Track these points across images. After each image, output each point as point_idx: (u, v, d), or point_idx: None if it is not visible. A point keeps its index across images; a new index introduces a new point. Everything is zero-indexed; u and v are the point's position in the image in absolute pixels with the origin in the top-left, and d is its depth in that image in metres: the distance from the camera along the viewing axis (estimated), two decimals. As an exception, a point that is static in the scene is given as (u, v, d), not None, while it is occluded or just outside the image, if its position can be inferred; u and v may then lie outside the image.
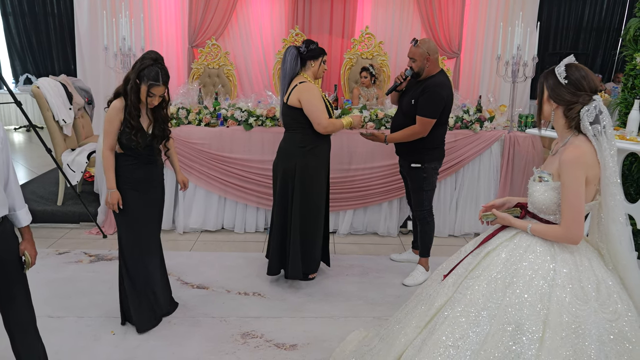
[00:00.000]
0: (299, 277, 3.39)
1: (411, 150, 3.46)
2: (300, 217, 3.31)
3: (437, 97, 3.30)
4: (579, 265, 1.81)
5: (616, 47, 8.57)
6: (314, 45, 3.34)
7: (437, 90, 3.30)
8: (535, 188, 1.93)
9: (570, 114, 1.85)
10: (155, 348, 2.76)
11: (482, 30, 6.79)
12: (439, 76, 3.37)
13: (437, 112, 3.31)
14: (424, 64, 3.33)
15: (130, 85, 2.66)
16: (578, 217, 1.80)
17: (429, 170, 3.47)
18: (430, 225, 3.61)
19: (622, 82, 4.11)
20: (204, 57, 6.08)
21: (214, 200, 4.37)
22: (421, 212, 3.57)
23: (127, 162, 2.77)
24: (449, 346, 1.76)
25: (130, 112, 2.68)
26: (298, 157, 3.26)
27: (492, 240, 1.99)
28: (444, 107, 3.35)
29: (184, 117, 4.27)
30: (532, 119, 4.40)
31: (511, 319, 1.74)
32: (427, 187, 3.51)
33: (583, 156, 1.80)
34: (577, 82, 1.83)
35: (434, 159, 3.49)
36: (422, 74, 3.37)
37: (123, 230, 2.86)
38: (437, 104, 3.31)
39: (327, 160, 3.44)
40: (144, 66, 2.65)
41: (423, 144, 3.41)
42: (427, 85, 3.32)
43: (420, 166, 3.46)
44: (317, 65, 3.32)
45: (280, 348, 2.79)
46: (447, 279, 2.00)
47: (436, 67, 3.38)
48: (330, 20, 6.75)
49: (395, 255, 3.99)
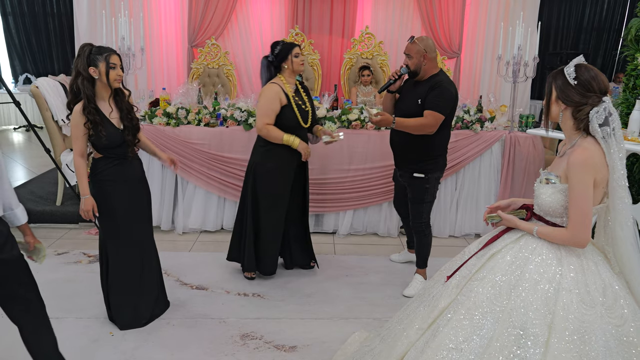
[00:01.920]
0: (252, 270, 3.51)
1: (415, 159, 3.30)
2: (252, 214, 3.43)
3: (448, 94, 3.16)
4: (586, 269, 1.78)
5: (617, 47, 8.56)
6: (278, 47, 3.30)
7: (448, 87, 3.17)
8: (542, 190, 1.90)
9: (579, 115, 1.82)
10: (154, 349, 2.74)
11: (482, 30, 6.76)
12: (444, 75, 3.23)
13: (447, 109, 3.16)
14: (420, 61, 3.16)
15: (82, 77, 2.61)
16: (585, 221, 1.77)
17: (432, 181, 3.32)
18: (428, 238, 3.47)
19: (623, 82, 4.09)
20: (203, 56, 6.07)
21: (213, 200, 4.36)
22: (419, 225, 3.41)
23: (108, 165, 2.76)
24: (452, 349, 1.74)
25: (89, 109, 2.62)
26: (256, 156, 3.41)
27: (496, 242, 1.97)
28: (453, 107, 3.23)
29: (184, 117, 4.26)
30: (533, 119, 4.38)
31: (516, 323, 1.71)
32: (428, 199, 3.36)
33: (591, 158, 1.77)
34: (587, 83, 1.80)
35: (437, 168, 3.34)
36: (419, 73, 3.20)
37: (110, 232, 2.85)
38: (448, 100, 3.16)
39: (292, 163, 3.38)
40: (87, 52, 2.63)
41: (428, 151, 3.26)
42: (436, 82, 3.16)
43: (424, 177, 3.29)
44: (289, 64, 3.29)
45: (280, 349, 2.78)
46: (450, 281, 1.97)
47: (435, 67, 3.23)
48: (330, 20, 6.73)
49: (394, 256, 3.95)
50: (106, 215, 2.80)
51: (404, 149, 3.34)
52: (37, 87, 4.55)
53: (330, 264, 3.86)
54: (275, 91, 3.24)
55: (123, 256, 2.88)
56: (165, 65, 6.60)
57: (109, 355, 2.69)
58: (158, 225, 4.26)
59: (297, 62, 3.29)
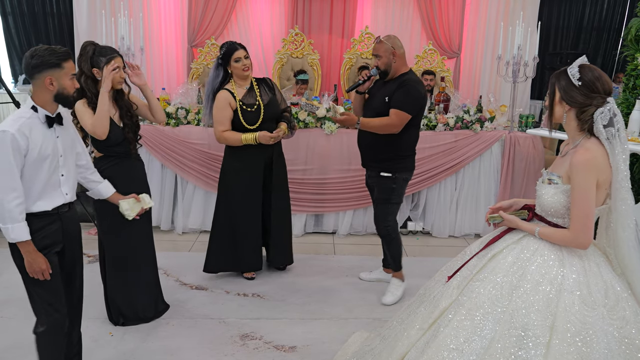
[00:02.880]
0: (214, 270, 3.52)
1: (382, 159, 3.20)
2: (215, 213, 3.50)
3: (415, 92, 3.07)
4: (588, 270, 1.78)
5: (616, 47, 8.55)
6: (224, 48, 3.24)
7: (415, 86, 3.08)
8: (544, 190, 1.88)
9: (583, 116, 1.80)
10: (154, 349, 2.74)
11: (482, 30, 6.76)
12: (412, 74, 3.16)
13: (414, 108, 3.07)
14: (390, 59, 3.09)
15: (85, 76, 2.62)
16: (588, 222, 1.76)
17: (399, 181, 3.21)
18: (396, 241, 3.31)
19: (622, 82, 4.09)
20: (203, 56, 6.06)
21: (213, 200, 4.33)
22: (385, 228, 3.27)
23: (109, 164, 2.77)
24: (453, 350, 1.73)
25: (93, 106, 2.64)
26: (225, 157, 3.43)
27: (498, 242, 1.96)
28: (421, 106, 3.13)
29: (183, 117, 4.25)
30: (533, 119, 4.38)
31: (517, 324, 1.70)
32: (394, 200, 3.24)
33: (594, 159, 1.76)
34: (591, 84, 1.77)
35: (406, 168, 3.23)
36: (390, 73, 3.12)
37: (110, 231, 2.85)
38: (415, 99, 3.07)
39: (259, 159, 3.36)
40: (90, 53, 2.62)
41: (395, 151, 3.16)
42: (403, 81, 3.08)
43: (391, 176, 3.19)
44: (231, 68, 3.25)
45: (279, 350, 2.78)
46: (451, 281, 1.96)
47: (405, 65, 3.16)
48: (330, 20, 6.72)
49: (364, 274, 3.66)
50: (106, 214, 2.79)
51: (372, 149, 3.24)
52: (37, 87, 4.55)
53: (330, 264, 3.86)
54: (223, 97, 3.23)
55: (122, 256, 2.87)
56: (165, 65, 6.60)
57: (109, 356, 2.68)
58: (158, 225, 4.25)
59: (237, 67, 3.21)
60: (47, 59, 2.00)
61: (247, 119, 3.26)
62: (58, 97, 2.06)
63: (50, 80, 2.01)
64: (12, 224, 1.98)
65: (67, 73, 2.05)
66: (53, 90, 2.04)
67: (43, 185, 2.07)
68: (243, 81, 3.30)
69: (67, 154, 2.17)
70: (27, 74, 2.04)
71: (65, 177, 2.16)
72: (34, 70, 2.01)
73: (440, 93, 4.51)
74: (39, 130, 2.04)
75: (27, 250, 2.03)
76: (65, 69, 2.04)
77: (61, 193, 2.15)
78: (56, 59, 2.01)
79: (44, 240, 2.10)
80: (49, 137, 2.08)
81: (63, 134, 2.15)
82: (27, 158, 2.00)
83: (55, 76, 2.02)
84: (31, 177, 2.03)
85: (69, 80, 2.06)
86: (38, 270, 2.05)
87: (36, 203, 2.07)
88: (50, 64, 2.00)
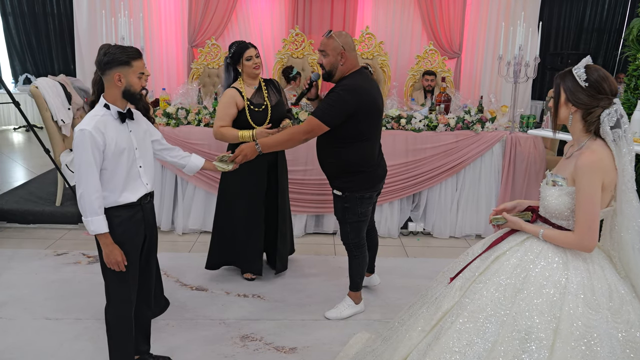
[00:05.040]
0: (216, 266, 3.53)
1: (332, 175, 2.92)
2: (216, 214, 3.50)
3: (339, 100, 2.67)
4: (592, 273, 1.76)
5: (617, 47, 8.55)
6: (234, 47, 3.24)
7: (341, 93, 2.69)
8: (548, 192, 1.86)
9: (589, 118, 1.77)
10: (154, 350, 2.72)
11: (483, 30, 6.76)
12: (353, 77, 2.76)
13: (332, 118, 2.67)
14: (337, 60, 2.73)
15: None
16: (592, 225, 1.74)
17: (351, 200, 2.86)
18: (358, 260, 3.02)
19: (624, 83, 4.08)
20: (203, 57, 6.06)
21: (213, 201, 4.33)
22: (346, 244, 3.01)
23: None
24: (455, 352, 1.72)
25: None
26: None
27: (501, 244, 1.94)
28: (351, 115, 2.68)
29: (184, 118, 4.24)
30: (534, 119, 4.37)
31: (520, 327, 1.69)
32: (350, 219, 2.91)
33: (600, 161, 1.74)
34: (598, 85, 1.74)
35: (358, 187, 2.85)
36: (335, 75, 2.77)
37: None
38: (335, 108, 2.67)
39: (263, 166, 3.31)
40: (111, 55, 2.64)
41: (341, 167, 2.84)
42: (338, 85, 2.76)
43: (341, 195, 2.88)
44: (242, 67, 3.24)
45: (280, 351, 2.76)
46: (454, 282, 1.95)
47: (352, 67, 2.78)
48: (331, 20, 6.73)
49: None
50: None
51: (322, 164, 2.97)
52: (37, 87, 4.54)
53: (330, 264, 3.85)
54: (230, 95, 3.21)
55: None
56: (165, 66, 6.60)
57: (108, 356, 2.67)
58: (158, 226, 4.24)
59: (248, 65, 3.19)
60: (118, 57, 2.10)
61: (255, 119, 3.25)
62: (125, 94, 2.16)
63: (119, 76, 2.11)
64: (92, 216, 2.12)
65: (135, 71, 2.14)
66: (121, 86, 2.14)
67: (125, 177, 2.21)
68: (252, 80, 3.30)
69: (142, 146, 2.30)
70: (99, 69, 2.14)
71: (144, 168, 2.30)
72: (105, 66, 2.11)
73: (441, 93, 4.50)
74: (113, 126, 2.17)
75: (105, 242, 2.17)
76: (133, 67, 2.13)
77: (142, 183, 2.29)
78: (126, 57, 2.11)
79: (130, 230, 2.25)
80: (123, 131, 2.21)
81: (135, 128, 2.27)
82: (106, 153, 2.13)
83: (123, 73, 2.12)
84: (114, 171, 2.18)
85: (136, 78, 2.16)
86: (114, 262, 2.19)
87: (122, 194, 2.21)
88: (120, 62, 2.10)
